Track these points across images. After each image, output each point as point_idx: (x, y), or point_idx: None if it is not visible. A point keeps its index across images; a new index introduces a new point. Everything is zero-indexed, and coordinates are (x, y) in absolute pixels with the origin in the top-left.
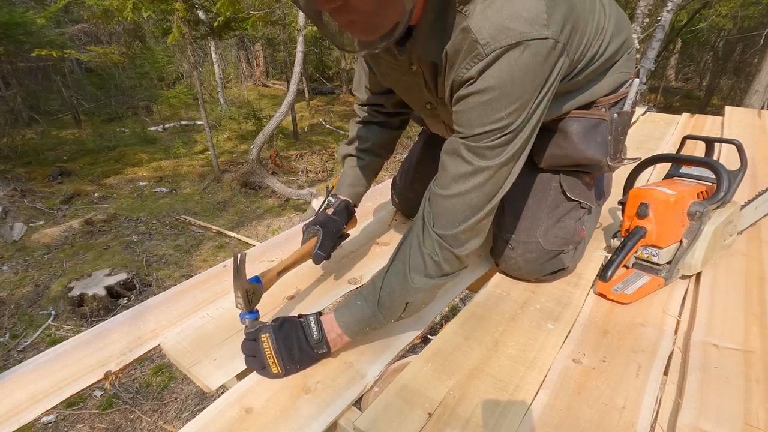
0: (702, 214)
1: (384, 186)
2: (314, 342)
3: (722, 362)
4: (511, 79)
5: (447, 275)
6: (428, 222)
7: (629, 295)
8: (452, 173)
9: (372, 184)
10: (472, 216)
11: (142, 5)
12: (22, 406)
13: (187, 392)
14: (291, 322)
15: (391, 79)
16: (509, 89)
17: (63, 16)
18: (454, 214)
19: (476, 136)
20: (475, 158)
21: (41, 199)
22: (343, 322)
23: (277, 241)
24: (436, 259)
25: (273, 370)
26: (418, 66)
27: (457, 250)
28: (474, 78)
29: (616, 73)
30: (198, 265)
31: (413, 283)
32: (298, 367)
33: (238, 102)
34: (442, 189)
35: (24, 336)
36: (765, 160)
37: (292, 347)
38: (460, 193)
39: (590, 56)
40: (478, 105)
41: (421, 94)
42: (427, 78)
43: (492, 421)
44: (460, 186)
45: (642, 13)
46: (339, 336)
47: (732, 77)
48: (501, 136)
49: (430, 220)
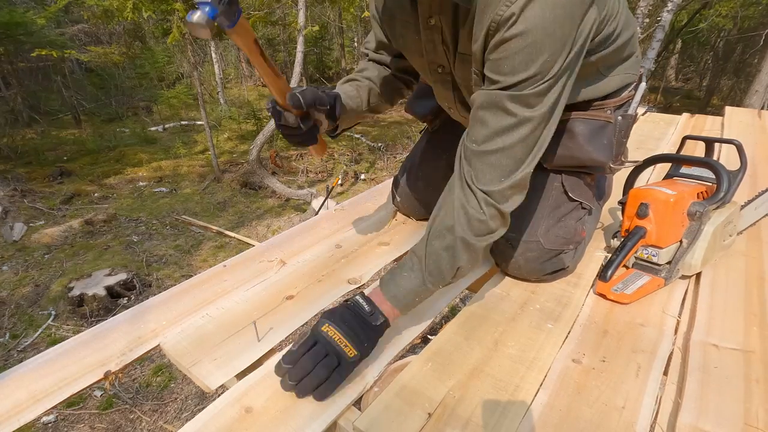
0: (702, 214)
1: (384, 186)
2: (368, 314)
3: (722, 362)
4: (553, 17)
5: (492, 233)
6: (470, 181)
7: (629, 295)
8: (494, 127)
9: (366, 111)
10: (517, 170)
11: (143, 5)
12: (22, 405)
13: (187, 392)
14: (339, 307)
15: (405, 41)
16: (552, 28)
17: (63, 17)
18: (499, 170)
19: (521, 84)
20: (519, 108)
21: (41, 199)
22: (392, 296)
23: (277, 240)
24: (482, 218)
25: (349, 354)
26: (437, 19)
27: (502, 206)
28: (515, 15)
29: (623, 72)
30: (198, 265)
31: (461, 245)
32: (367, 345)
33: (238, 102)
34: (482, 145)
35: (24, 336)
36: (765, 161)
37: (354, 326)
38: (504, 147)
39: (605, 35)
40: (522, 48)
41: (435, 55)
42: (445, 32)
43: (492, 421)
44: (504, 140)
45: (642, 14)
46: (390, 309)
47: (732, 77)
48: (544, 81)
49: (472, 178)
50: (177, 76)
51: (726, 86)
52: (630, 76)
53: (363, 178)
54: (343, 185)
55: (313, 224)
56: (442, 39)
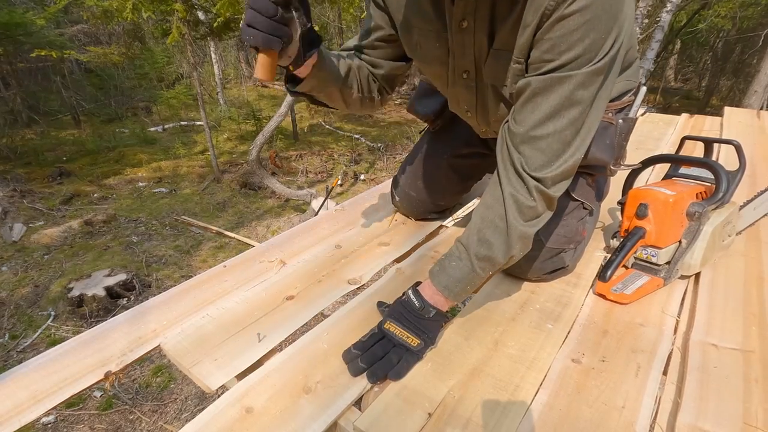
0: (701, 214)
1: (384, 186)
2: (419, 309)
3: (721, 362)
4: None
5: (539, 217)
6: (519, 168)
7: (628, 295)
8: (546, 110)
9: (336, 83)
10: (565, 153)
11: (142, 6)
12: (23, 405)
13: (187, 393)
14: (396, 304)
15: (423, 51)
16: (608, 4)
17: (63, 17)
18: (549, 154)
19: (578, 60)
20: (572, 88)
21: (41, 199)
22: (443, 287)
23: (277, 241)
24: (532, 204)
25: (413, 343)
26: (471, 21)
27: (551, 191)
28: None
29: (624, 80)
30: (198, 265)
31: (514, 233)
32: (428, 335)
33: (237, 102)
34: (534, 130)
35: (23, 337)
36: (764, 161)
37: (410, 320)
38: (555, 131)
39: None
40: (581, 24)
41: (463, 60)
42: (478, 32)
43: (492, 421)
44: (555, 123)
45: (641, 14)
46: (443, 300)
47: (731, 78)
48: (599, 59)
49: (522, 165)
50: (176, 76)
51: (725, 87)
52: (631, 83)
53: (363, 179)
54: (343, 186)
55: (313, 225)
56: (474, 41)
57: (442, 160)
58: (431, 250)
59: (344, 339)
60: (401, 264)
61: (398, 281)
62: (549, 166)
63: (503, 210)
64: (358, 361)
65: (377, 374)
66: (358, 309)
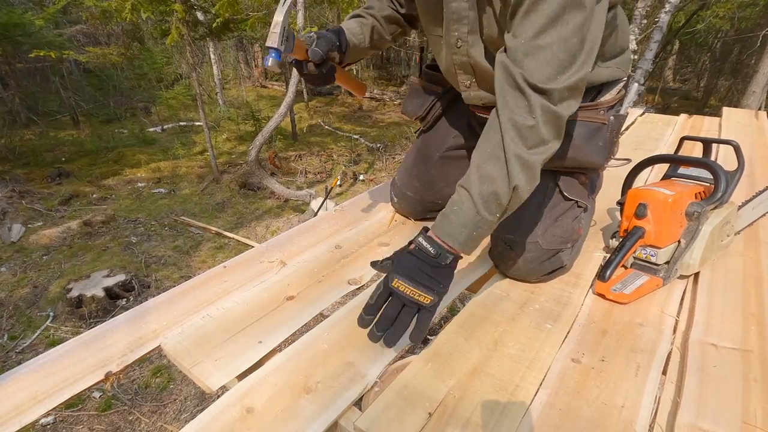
0: (700, 214)
1: (383, 186)
2: (434, 257)
3: (720, 362)
4: None
5: (545, 144)
6: (521, 83)
7: (628, 294)
8: (549, 14)
9: (368, 48)
10: (573, 65)
11: (141, 6)
12: (23, 406)
13: (186, 393)
14: (405, 256)
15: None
16: None
17: (61, 17)
18: (556, 65)
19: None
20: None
21: (39, 200)
22: (447, 235)
23: (277, 241)
24: (531, 123)
25: (425, 301)
26: None
27: (558, 108)
28: None
29: (614, 66)
30: (197, 266)
31: (515, 162)
32: (442, 286)
33: (236, 103)
34: (535, 39)
35: (22, 337)
36: (762, 161)
37: (422, 273)
38: (561, 38)
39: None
40: None
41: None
42: None
43: (492, 420)
44: (560, 30)
45: (640, 15)
46: (453, 251)
47: (729, 78)
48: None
49: (524, 78)
50: (175, 76)
51: (723, 87)
52: (620, 72)
53: (362, 179)
54: (342, 186)
55: (313, 225)
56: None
57: (434, 159)
58: None
59: (344, 339)
60: None
61: None
62: (555, 78)
63: (500, 137)
64: (374, 329)
65: (393, 340)
66: (357, 309)
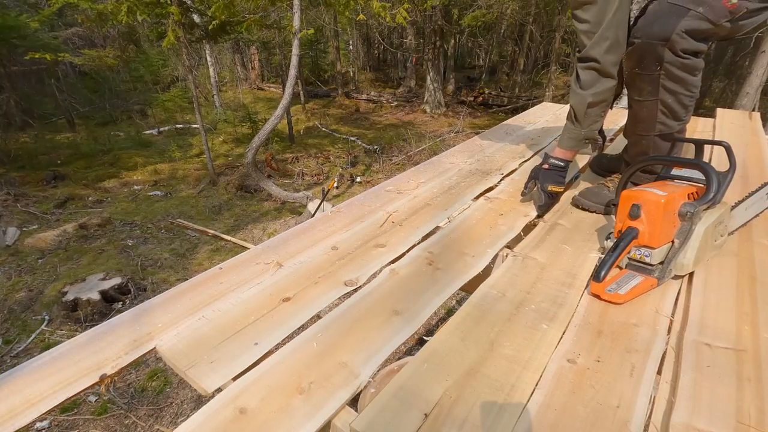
0: (693, 214)
1: (379, 188)
2: (560, 167)
3: (715, 361)
4: None
5: (593, 59)
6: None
7: (622, 295)
8: None
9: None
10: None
11: (137, 9)
12: (17, 409)
13: (183, 397)
14: (540, 171)
15: None
16: None
17: (57, 20)
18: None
19: None
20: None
21: (35, 203)
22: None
23: (273, 243)
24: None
25: (561, 190)
26: None
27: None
28: None
29: None
30: (193, 268)
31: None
32: (565, 181)
33: (233, 105)
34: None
35: (17, 341)
36: (756, 162)
37: (557, 176)
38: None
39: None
40: None
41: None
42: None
43: (488, 421)
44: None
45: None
46: (562, 152)
47: (723, 80)
48: None
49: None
50: (172, 79)
51: (717, 88)
52: None
53: (359, 181)
54: (339, 188)
55: (309, 226)
56: None
57: None
58: (426, 251)
59: (337, 339)
60: (395, 265)
61: (393, 282)
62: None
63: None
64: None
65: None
66: (351, 310)
